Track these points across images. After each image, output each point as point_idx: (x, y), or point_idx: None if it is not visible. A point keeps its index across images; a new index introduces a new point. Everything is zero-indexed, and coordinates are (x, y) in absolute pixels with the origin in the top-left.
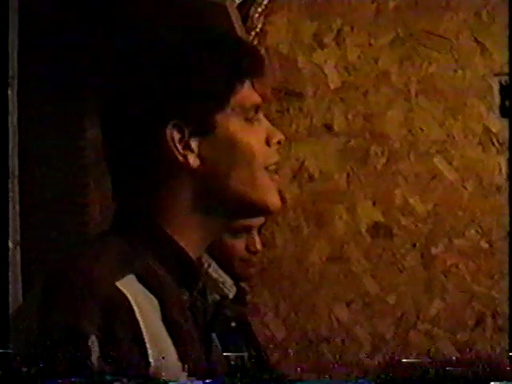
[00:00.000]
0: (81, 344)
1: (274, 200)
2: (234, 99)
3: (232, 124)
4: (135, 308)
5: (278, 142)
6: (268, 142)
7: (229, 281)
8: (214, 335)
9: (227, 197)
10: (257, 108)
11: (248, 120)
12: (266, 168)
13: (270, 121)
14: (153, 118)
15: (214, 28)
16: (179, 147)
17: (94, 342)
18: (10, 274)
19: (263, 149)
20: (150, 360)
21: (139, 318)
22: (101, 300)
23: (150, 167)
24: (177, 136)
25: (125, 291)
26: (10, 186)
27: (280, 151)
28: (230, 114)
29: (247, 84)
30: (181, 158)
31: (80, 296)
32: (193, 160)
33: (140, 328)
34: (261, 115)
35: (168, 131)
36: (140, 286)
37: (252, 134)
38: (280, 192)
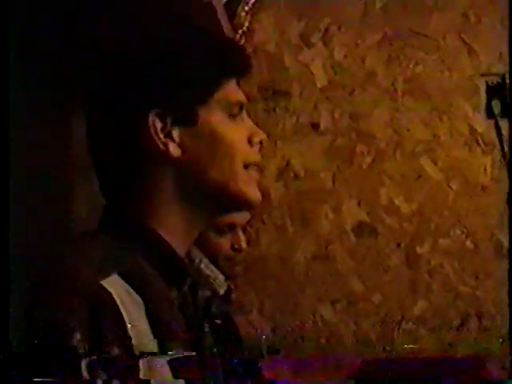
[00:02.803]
0: (66, 341)
1: (254, 193)
2: (219, 94)
3: (215, 118)
4: (120, 306)
5: (260, 142)
6: (250, 141)
7: (220, 277)
8: (207, 331)
9: (208, 188)
10: (241, 106)
11: (231, 116)
12: (246, 167)
13: (256, 119)
14: (136, 106)
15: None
16: (161, 136)
17: (79, 339)
18: None
19: (244, 147)
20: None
21: (124, 316)
22: (86, 298)
23: (132, 156)
24: (159, 125)
25: (110, 289)
26: None
27: (265, 150)
28: (213, 108)
29: (233, 81)
30: (162, 146)
31: (66, 296)
32: (174, 149)
33: (126, 326)
34: (244, 114)
35: (150, 119)
36: (125, 285)
37: (234, 131)
38: (260, 186)
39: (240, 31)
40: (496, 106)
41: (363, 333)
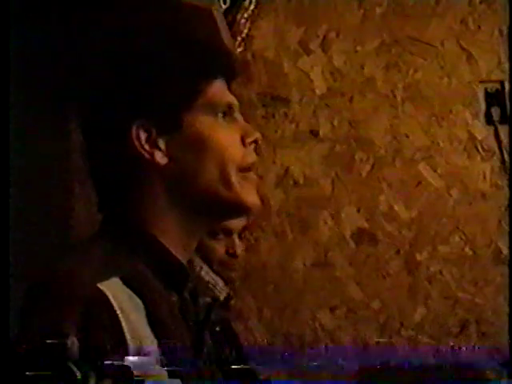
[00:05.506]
0: (60, 345)
1: (251, 199)
2: (203, 98)
3: (200, 122)
4: (117, 309)
5: (255, 142)
6: (243, 142)
7: (220, 282)
8: (207, 337)
9: (198, 195)
10: (230, 107)
11: (219, 119)
12: (243, 168)
13: (255, 126)
14: (120, 118)
15: (182, 29)
16: (146, 146)
17: (73, 343)
18: None
19: (237, 148)
20: (131, 358)
21: (121, 319)
22: (82, 302)
23: (123, 166)
24: (143, 135)
25: (107, 293)
26: None
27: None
28: (197, 112)
29: (218, 83)
30: (147, 155)
31: (61, 298)
32: (160, 158)
33: (122, 329)
34: (236, 115)
35: (133, 131)
36: (125, 288)
37: (223, 133)
38: (259, 193)
39: (239, 38)
40: (495, 112)
41: (362, 340)
